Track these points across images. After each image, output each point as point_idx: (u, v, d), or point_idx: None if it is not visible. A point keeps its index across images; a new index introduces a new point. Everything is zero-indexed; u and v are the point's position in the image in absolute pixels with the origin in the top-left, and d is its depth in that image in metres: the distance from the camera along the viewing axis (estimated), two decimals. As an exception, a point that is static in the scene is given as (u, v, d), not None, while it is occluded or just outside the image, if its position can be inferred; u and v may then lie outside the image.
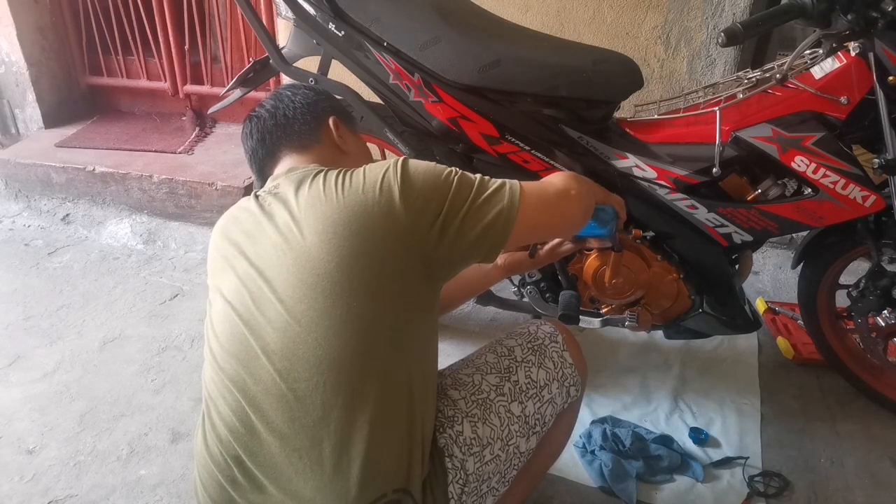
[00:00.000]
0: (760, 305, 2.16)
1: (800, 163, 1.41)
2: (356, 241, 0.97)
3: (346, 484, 0.94)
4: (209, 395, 1.05)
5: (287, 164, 1.18)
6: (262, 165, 1.23)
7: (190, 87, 3.15)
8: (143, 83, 3.23)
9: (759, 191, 1.49)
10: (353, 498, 0.94)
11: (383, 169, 1.03)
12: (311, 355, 0.95)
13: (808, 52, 1.44)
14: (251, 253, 1.04)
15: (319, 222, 0.99)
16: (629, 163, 1.55)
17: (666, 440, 1.64)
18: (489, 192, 1.04)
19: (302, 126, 1.20)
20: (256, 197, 1.11)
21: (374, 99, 1.69)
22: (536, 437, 1.19)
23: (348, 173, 1.04)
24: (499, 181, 1.07)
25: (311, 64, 1.72)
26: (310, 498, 0.94)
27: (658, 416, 1.76)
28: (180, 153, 2.93)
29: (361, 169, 1.04)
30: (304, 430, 0.95)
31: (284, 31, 2.54)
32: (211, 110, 1.91)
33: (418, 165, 1.04)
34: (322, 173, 1.06)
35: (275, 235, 1.02)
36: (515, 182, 1.08)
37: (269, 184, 1.14)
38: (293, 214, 1.02)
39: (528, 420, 1.17)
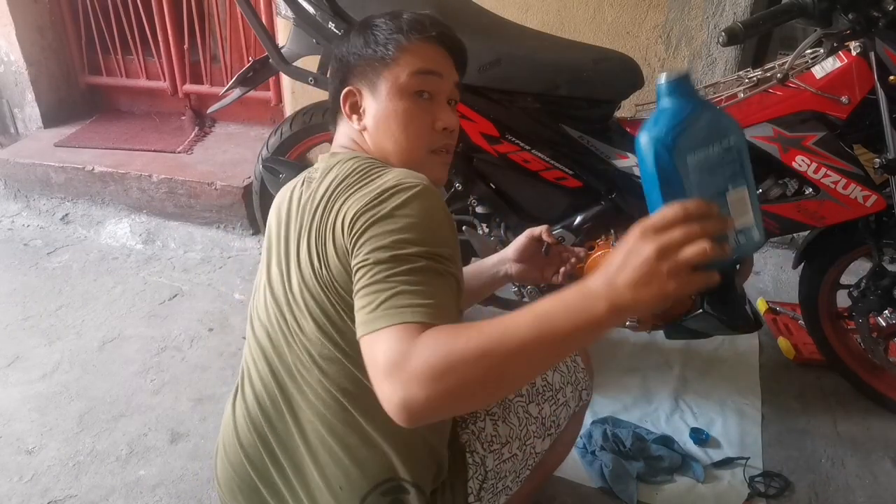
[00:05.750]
0: (761, 305, 2.16)
1: (801, 162, 1.40)
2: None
3: (344, 469, 0.94)
4: (245, 367, 1.04)
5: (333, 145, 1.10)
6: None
7: (189, 87, 3.14)
8: (143, 83, 3.22)
9: (760, 190, 1.48)
10: (357, 478, 0.93)
11: (405, 184, 0.87)
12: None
13: (808, 51, 1.43)
14: (283, 239, 1.01)
15: (307, 220, 0.95)
16: (630, 162, 1.55)
17: (666, 441, 1.64)
18: (413, 289, 0.77)
19: (332, 104, 1.10)
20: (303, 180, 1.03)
21: (374, 98, 1.69)
22: (551, 439, 1.20)
23: (375, 169, 0.93)
24: (439, 305, 0.77)
25: (310, 63, 1.72)
26: (309, 472, 0.95)
27: (659, 416, 1.75)
28: (179, 153, 2.92)
29: (393, 172, 0.91)
30: (313, 412, 0.95)
31: (284, 31, 2.53)
32: (210, 110, 1.91)
33: (430, 209, 0.85)
34: (352, 160, 0.95)
35: (296, 225, 0.98)
36: (443, 307, 0.78)
37: (315, 164, 1.05)
38: (304, 207, 0.97)
39: (545, 422, 1.18)
